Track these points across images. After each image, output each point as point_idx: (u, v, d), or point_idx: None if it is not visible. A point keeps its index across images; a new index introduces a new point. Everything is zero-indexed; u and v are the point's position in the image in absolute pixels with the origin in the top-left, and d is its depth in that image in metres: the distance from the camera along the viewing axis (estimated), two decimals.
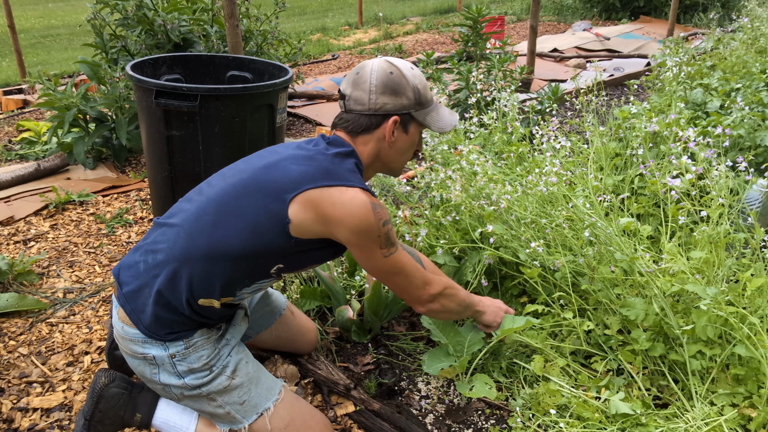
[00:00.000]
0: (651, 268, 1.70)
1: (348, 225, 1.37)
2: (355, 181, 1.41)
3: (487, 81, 3.70)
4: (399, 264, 1.48)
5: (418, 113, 1.52)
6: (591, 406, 1.63)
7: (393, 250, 1.46)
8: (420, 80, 1.51)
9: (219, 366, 1.48)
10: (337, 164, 1.43)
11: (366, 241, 1.40)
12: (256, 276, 1.45)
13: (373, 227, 1.39)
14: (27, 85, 5.98)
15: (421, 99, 1.51)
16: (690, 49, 4.59)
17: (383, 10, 10.75)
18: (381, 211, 1.41)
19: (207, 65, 2.78)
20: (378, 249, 1.43)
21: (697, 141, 1.96)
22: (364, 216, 1.37)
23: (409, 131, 1.54)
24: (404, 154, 1.56)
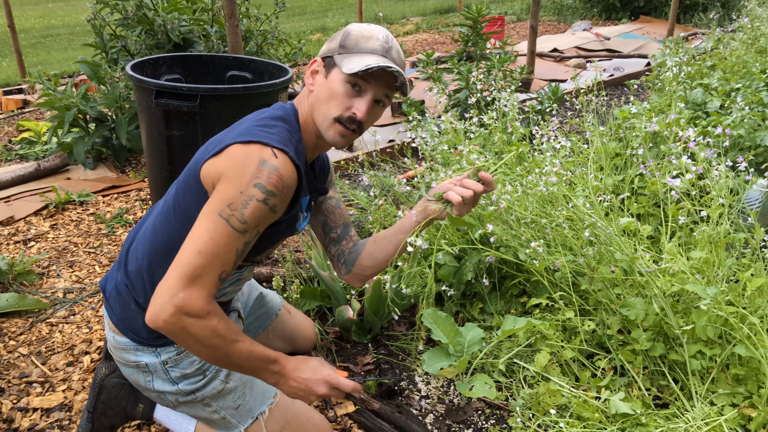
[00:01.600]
0: (651, 268, 1.70)
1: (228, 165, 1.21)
2: (265, 138, 1.22)
3: (487, 81, 3.70)
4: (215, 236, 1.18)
5: (340, 57, 1.29)
6: (591, 406, 1.63)
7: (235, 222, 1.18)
8: (362, 29, 1.31)
9: (212, 370, 1.47)
10: (257, 126, 1.27)
11: (229, 180, 1.19)
12: None
13: (246, 175, 1.18)
14: (27, 85, 5.98)
15: (348, 42, 1.30)
16: (690, 49, 4.59)
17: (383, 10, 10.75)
18: (266, 172, 1.19)
19: (207, 65, 2.78)
20: (227, 199, 1.18)
21: (697, 141, 1.96)
22: (246, 161, 1.20)
23: (329, 76, 1.30)
24: (323, 104, 1.31)
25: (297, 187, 1.29)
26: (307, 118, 1.36)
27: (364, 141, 4.11)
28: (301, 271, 2.38)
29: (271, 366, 1.30)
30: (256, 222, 1.21)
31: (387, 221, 2.56)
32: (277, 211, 1.25)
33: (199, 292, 1.17)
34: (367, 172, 2.74)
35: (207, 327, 1.18)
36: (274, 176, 1.20)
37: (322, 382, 1.33)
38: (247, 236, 1.22)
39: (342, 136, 1.32)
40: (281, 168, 1.21)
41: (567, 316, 1.83)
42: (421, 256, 2.26)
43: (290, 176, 1.23)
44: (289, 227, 1.40)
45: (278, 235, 1.41)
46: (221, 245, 1.18)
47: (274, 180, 1.20)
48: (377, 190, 2.74)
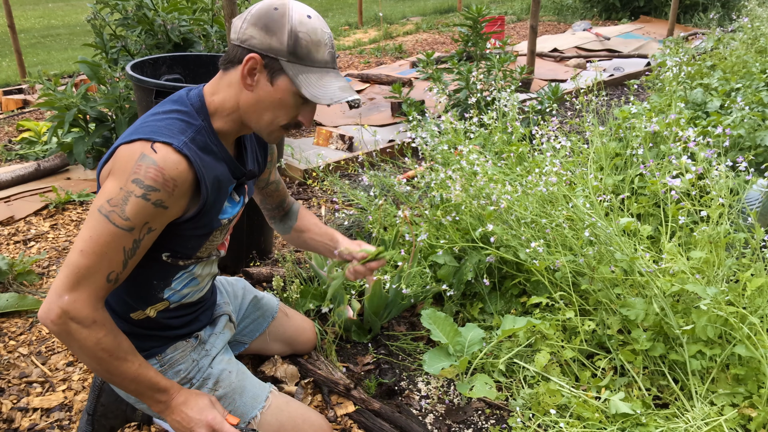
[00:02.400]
0: (651, 268, 1.70)
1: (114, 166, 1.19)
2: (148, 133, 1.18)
3: (487, 81, 3.70)
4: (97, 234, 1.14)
5: (290, 66, 1.22)
6: (591, 406, 1.63)
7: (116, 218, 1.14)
8: (309, 31, 1.22)
9: (199, 378, 1.46)
10: (146, 122, 1.23)
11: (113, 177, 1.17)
12: (159, 273, 1.35)
13: (126, 171, 1.15)
14: (27, 85, 5.98)
15: (299, 50, 1.22)
16: (690, 49, 4.59)
17: (383, 10, 10.75)
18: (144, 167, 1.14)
19: (207, 65, 2.78)
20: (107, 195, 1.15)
21: (697, 141, 1.96)
22: (127, 158, 1.16)
23: (276, 84, 1.23)
24: (267, 111, 1.26)
25: (193, 177, 1.22)
26: (227, 108, 1.28)
27: (364, 141, 4.11)
28: (301, 271, 2.38)
29: (157, 395, 1.27)
30: (141, 219, 1.16)
31: (387, 221, 2.57)
32: (168, 206, 1.19)
33: (86, 295, 1.14)
34: (367, 172, 2.74)
35: (91, 337, 1.15)
36: (152, 170, 1.14)
37: (204, 424, 1.29)
38: (134, 234, 1.17)
39: (281, 137, 1.32)
40: (161, 161, 1.15)
41: (567, 316, 1.83)
42: (422, 257, 2.26)
43: (174, 168, 1.17)
44: (211, 218, 1.33)
45: (202, 229, 1.32)
46: (103, 244, 1.14)
47: (152, 174, 1.14)
48: (377, 190, 2.74)
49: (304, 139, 4.43)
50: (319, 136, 4.25)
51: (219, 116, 1.30)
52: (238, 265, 2.56)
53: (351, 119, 4.76)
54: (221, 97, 1.29)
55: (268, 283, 2.45)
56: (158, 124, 1.21)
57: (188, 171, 1.20)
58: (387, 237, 2.41)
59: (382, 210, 2.55)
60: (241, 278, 1.85)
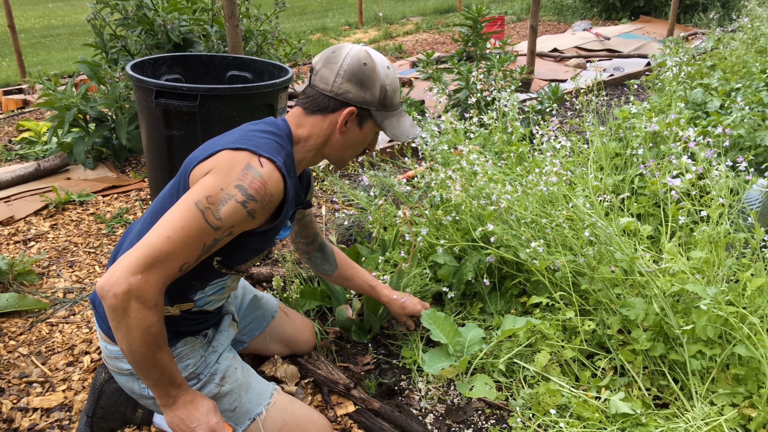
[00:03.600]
0: (651, 268, 1.70)
1: (215, 164, 1.24)
2: (255, 147, 1.26)
3: (487, 81, 3.70)
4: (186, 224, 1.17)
5: (378, 113, 1.43)
6: (591, 406, 1.63)
7: (209, 215, 1.19)
8: (392, 82, 1.42)
9: (207, 374, 1.47)
10: (248, 135, 1.31)
11: (213, 175, 1.22)
12: (201, 275, 1.38)
13: (229, 174, 1.21)
14: (27, 85, 5.98)
15: (386, 101, 1.42)
16: (690, 48, 4.59)
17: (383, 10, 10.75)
18: (250, 176, 1.22)
19: (207, 65, 2.78)
20: (206, 191, 1.20)
21: (697, 141, 1.96)
22: (233, 162, 1.23)
23: (364, 128, 1.44)
24: (352, 148, 1.46)
25: (283, 197, 1.31)
26: (311, 144, 1.42)
27: None
28: (301, 271, 2.38)
29: (171, 389, 1.28)
30: (231, 222, 1.22)
31: (387, 221, 2.56)
32: (256, 217, 1.26)
33: (156, 278, 1.16)
34: (367, 172, 2.74)
35: (147, 319, 1.17)
36: (257, 182, 1.23)
37: (206, 426, 1.31)
38: (218, 233, 1.22)
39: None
40: (266, 175, 1.24)
41: (567, 315, 1.83)
42: (422, 257, 2.26)
43: (274, 185, 1.26)
44: (272, 237, 1.41)
45: (261, 245, 1.41)
46: (191, 236, 1.18)
47: (256, 185, 1.22)
48: (377, 190, 2.75)
49: None
50: None
51: (300, 148, 1.42)
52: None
53: None
54: (306, 132, 1.41)
55: (268, 283, 2.45)
56: (260, 141, 1.30)
57: (283, 191, 1.30)
58: (387, 237, 2.41)
59: (382, 210, 2.55)
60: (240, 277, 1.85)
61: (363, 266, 2.28)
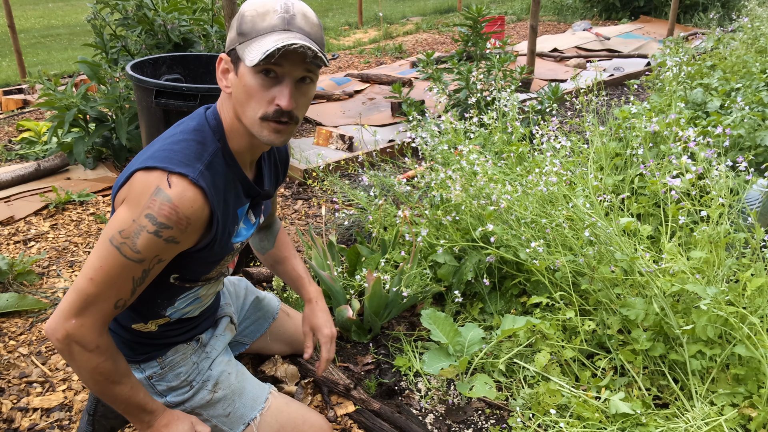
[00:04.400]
0: (651, 267, 1.70)
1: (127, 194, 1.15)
2: (166, 162, 1.14)
3: (487, 81, 3.70)
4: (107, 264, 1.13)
5: (242, 46, 1.15)
6: (591, 405, 1.63)
7: (127, 250, 1.12)
8: (257, 5, 1.14)
9: (199, 381, 1.46)
10: (165, 146, 1.18)
11: (125, 207, 1.14)
12: (164, 293, 1.33)
13: (140, 204, 1.12)
14: (27, 85, 5.98)
15: (244, 27, 1.14)
16: (690, 48, 4.59)
17: (383, 10, 10.76)
18: (158, 203, 1.11)
19: (207, 65, 2.78)
20: (119, 225, 1.12)
21: (697, 141, 1.96)
22: (142, 189, 1.12)
23: (239, 72, 1.17)
24: (243, 106, 1.18)
25: (208, 212, 1.18)
26: (233, 123, 1.23)
27: (364, 141, 4.11)
28: None
29: (143, 415, 1.28)
30: (152, 252, 1.14)
31: (387, 221, 2.56)
32: (179, 241, 1.16)
33: (92, 320, 1.14)
34: (367, 172, 2.74)
35: (91, 361, 1.16)
36: (166, 208, 1.11)
37: None
38: (145, 264, 1.15)
39: (277, 132, 1.18)
40: (176, 198, 1.12)
41: (567, 315, 1.83)
42: (422, 257, 2.26)
43: (188, 206, 1.13)
44: (221, 248, 1.29)
45: (213, 257, 1.30)
46: (114, 274, 1.13)
47: (166, 212, 1.11)
48: (377, 190, 2.74)
49: (304, 139, 4.43)
50: (319, 136, 4.25)
51: (233, 135, 1.25)
52: (239, 265, 2.56)
53: (351, 119, 4.76)
54: (226, 114, 1.24)
55: (268, 282, 2.45)
56: (175, 149, 1.17)
57: (203, 207, 1.16)
58: (387, 237, 2.41)
59: (382, 210, 2.55)
60: (243, 278, 1.84)
61: (363, 266, 2.28)
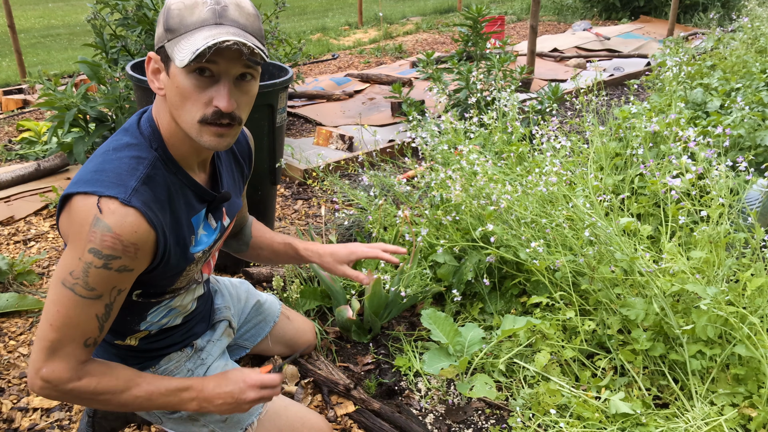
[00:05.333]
0: (651, 267, 1.70)
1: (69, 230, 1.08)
2: (97, 185, 1.05)
3: (487, 81, 3.70)
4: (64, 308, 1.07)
5: (171, 43, 1.05)
6: (591, 405, 1.63)
7: (81, 290, 1.06)
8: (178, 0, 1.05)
9: None
10: (97, 166, 1.09)
11: (70, 247, 1.07)
12: (132, 311, 1.27)
13: (81, 240, 1.05)
14: (27, 85, 5.97)
15: (171, 23, 1.04)
16: (690, 48, 4.59)
17: (383, 10, 10.75)
18: (99, 234, 1.03)
19: None
20: (69, 267, 1.06)
21: (697, 141, 1.96)
22: (81, 223, 1.05)
23: (170, 72, 1.07)
24: (180, 108, 1.08)
25: (154, 233, 1.10)
26: (171, 126, 1.14)
27: (364, 141, 4.11)
28: (301, 271, 2.38)
29: (184, 394, 1.22)
30: (107, 285, 1.08)
31: (387, 221, 2.56)
32: (132, 268, 1.10)
33: (63, 363, 1.09)
34: (367, 172, 2.74)
35: (85, 390, 1.12)
36: (108, 239, 1.04)
37: (248, 388, 1.24)
38: (105, 299, 1.10)
39: (219, 136, 1.09)
40: (116, 227, 1.04)
41: (567, 315, 1.83)
42: (422, 257, 2.26)
43: (131, 232, 1.05)
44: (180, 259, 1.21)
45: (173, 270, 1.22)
46: (73, 316, 1.08)
47: (108, 243, 1.04)
48: (377, 190, 2.74)
49: (304, 139, 4.44)
50: (319, 136, 4.25)
51: (173, 140, 1.15)
52: (238, 265, 2.56)
53: (351, 119, 4.76)
54: (162, 119, 1.14)
55: (268, 283, 2.45)
56: (107, 167, 1.08)
57: (148, 230, 1.08)
58: (387, 237, 2.41)
59: (382, 210, 2.55)
60: (245, 281, 1.84)
61: (363, 266, 2.28)
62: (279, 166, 2.52)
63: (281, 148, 2.57)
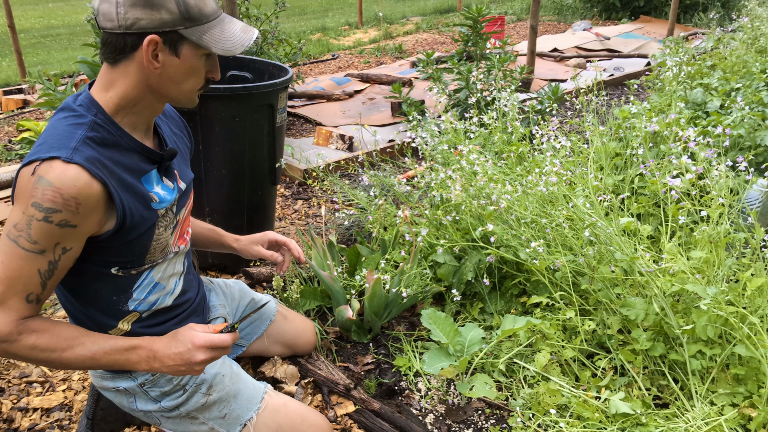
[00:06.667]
0: (651, 267, 1.70)
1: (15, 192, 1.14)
2: (45, 150, 1.12)
3: (487, 81, 3.70)
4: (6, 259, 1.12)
5: (190, 31, 1.18)
6: (591, 405, 1.63)
7: (25, 243, 1.11)
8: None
9: (192, 384, 1.43)
10: (44, 136, 1.16)
11: (15, 204, 1.14)
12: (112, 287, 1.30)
13: (25, 197, 1.11)
14: (27, 85, 5.98)
15: (191, 12, 1.18)
16: (690, 48, 4.59)
17: (383, 10, 10.75)
18: (41, 189, 1.09)
19: None
20: (13, 220, 1.12)
21: (697, 141, 1.96)
22: (24, 183, 1.11)
23: (182, 54, 1.20)
24: (182, 82, 1.23)
25: (100, 187, 1.14)
26: (133, 98, 1.22)
27: (364, 141, 4.11)
28: (301, 271, 2.38)
29: (131, 355, 1.22)
30: (50, 241, 1.12)
31: (387, 221, 2.57)
32: (75, 224, 1.13)
33: (5, 316, 1.12)
34: (367, 172, 2.74)
35: (24, 347, 1.14)
36: (48, 192, 1.09)
37: (197, 349, 1.22)
38: (48, 255, 1.13)
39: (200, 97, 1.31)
40: (56, 181, 1.09)
41: (567, 315, 1.83)
42: (422, 257, 2.26)
43: (72, 185, 1.10)
44: (144, 217, 1.25)
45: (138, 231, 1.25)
46: (15, 268, 1.12)
47: (50, 196, 1.09)
48: (377, 190, 2.74)
49: (304, 139, 4.43)
50: (319, 136, 4.25)
51: (126, 111, 1.23)
52: (238, 265, 2.57)
53: (351, 119, 4.76)
54: (121, 90, 1.21)
55: (268, 283, 2.45)
56: (47, 135, 1.15)
57: (89, 183, 1.12)
58: (387, 237, 2.41)
59: (382, 210, 2.55)
60: (238, 280, 1.84)
61: (363, 266, 2.28)
62: (279, 166, 2.52)
63: (281, 148, 2.57)
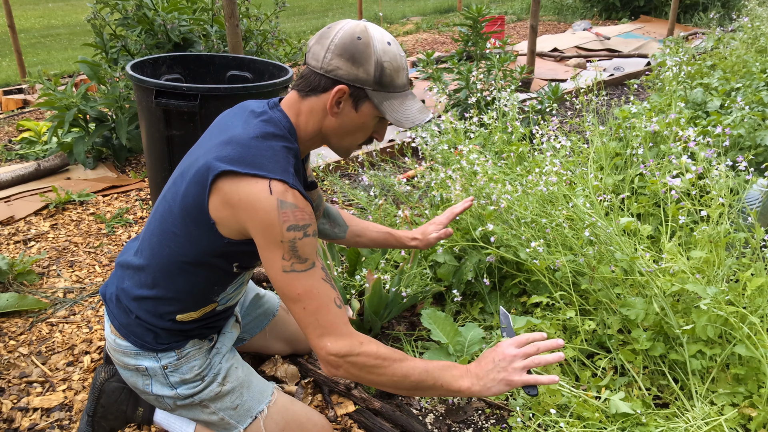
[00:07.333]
0: (651, 267, 1.70)
1: (251, 221, 1.23)
2: (270, 169, 1.23)
3: (487, 81, 3.70)
4: (300, 287, 1.24)
5: (376, 94, 1.29)
6: (591, 405, 1.63)
7: (299, 266, 1.23)
8: (392, 58, 1.29)
9: (210, 375, 1.48)
10: (254, 148, 1.26)
11: (266, 240, 1.23)
12: (222, 280, 1.41)
13: (275, 226, 1.21)
14: (27, 85, 5.98)
15: (384, 79, 1.29)
16: (690, 48, 4.59)
17: (383, 10, 10.75)
18: (290, 213, 1.21)
19: (207, 65, 2.78)
20: (278, 256, 1.23)
21: (697, 140, 1.96)
22: (266, 211, 1.21)
23: (361, 110, 1.31)
24: (350, 134, 1.35)
25: None
26: (310, 131, 1.35)
27: None
28: None
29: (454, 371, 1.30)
30: (313, 250, 1.26)
31: (387, 221, 2.56)
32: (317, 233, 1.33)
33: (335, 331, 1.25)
34: (367, 172, 2.74)
35: (369, 353, 1.25)
36: (298, 213, 1.22)
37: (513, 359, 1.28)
38: (319, 262, 1.28)
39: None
40: (298, 202, 1.23)
41: (567, 315, 1.83)
42: (422, 257, 2.26)
43: (305, 204, 1.25)
44: None
45: None
46: (310, 287, 1.24)
47: (299, 215, 1.22)
48: (377, 189, 2.74)
49: None
50: None
51: (302, 140, 1.37)
52: None
53: None
54: (304, 121, 1.34)
55: (268, 282, 2.45)
56: (265, 155, 1.25)
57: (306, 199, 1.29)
58: None
59: (382, 210, 2.55)
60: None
61: (363, 266, 2.28)
62: None
63: None
